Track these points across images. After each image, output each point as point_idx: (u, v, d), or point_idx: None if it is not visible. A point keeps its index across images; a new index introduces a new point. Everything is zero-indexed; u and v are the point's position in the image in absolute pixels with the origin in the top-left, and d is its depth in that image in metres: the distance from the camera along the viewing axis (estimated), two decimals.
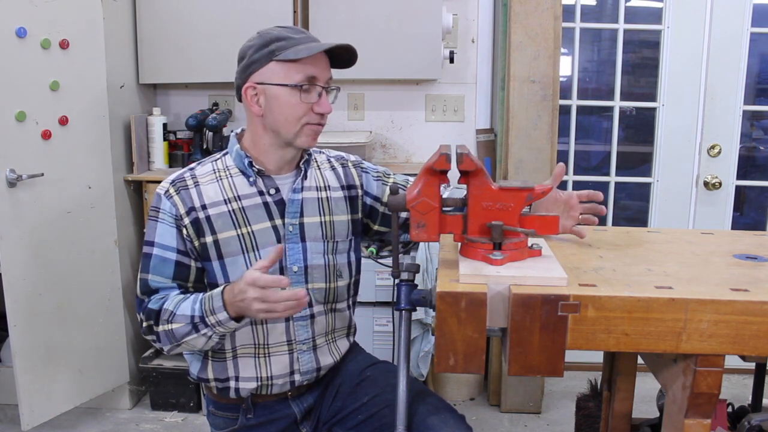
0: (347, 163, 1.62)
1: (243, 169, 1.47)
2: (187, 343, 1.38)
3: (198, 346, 1.40)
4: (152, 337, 1.42)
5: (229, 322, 1.33)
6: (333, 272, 1.53)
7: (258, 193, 1.47)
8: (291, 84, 1.39)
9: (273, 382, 1.49)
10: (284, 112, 1.41)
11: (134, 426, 2.62)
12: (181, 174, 1.48)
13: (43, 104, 2.23)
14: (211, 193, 1.45)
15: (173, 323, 1.37)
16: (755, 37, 2.88)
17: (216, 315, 1.33)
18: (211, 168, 1.49)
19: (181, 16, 2.73)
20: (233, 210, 1.44)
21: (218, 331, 1.36)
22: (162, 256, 1.43)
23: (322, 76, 1.42)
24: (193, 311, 1.36)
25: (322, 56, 1.43)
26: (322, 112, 1.43)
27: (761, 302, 1.05)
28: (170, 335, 1.38)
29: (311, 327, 1.51)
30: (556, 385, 2.97)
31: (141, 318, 1.44)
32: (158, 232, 1.43)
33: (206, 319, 1.34)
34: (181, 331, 1.37)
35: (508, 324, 1.09)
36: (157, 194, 1.46)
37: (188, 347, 1.41)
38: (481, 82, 2.94)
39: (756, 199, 3.13)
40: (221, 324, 1.34)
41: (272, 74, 1.40)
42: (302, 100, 1.40)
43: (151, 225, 1.45)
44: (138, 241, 2.78)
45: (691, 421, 1.13)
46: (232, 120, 2.96)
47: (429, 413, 1.41)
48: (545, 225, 1.26)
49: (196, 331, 1.36)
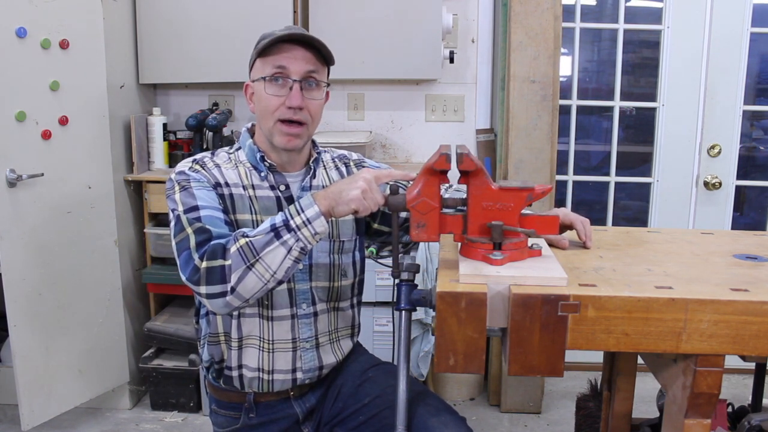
0: (350, 162, 1.64)
1: (255, 164, 1.48)
2: (262, 261, 1.25)
3: (274, 266, 1.26)
4: (214, 278, 1.25)
5: (319, 218, 1.26)
6: (337, 271, 1.54)
7: (270, 187, 1.48)
8: (263, 77, 1.41)
9: (274, 378, 1.49)
10: (260, 107, 1.44)
11: (134, 426, 2.62)
12: (200, 157, 1.48)
13: (43, 104, 2.23)
14: (232, 175, 1.46)
15: (251, 237, 1.26)
16: (755, 37, 2.88)
17: (304, 212, 1.27)
18: (226, 157, 1.50)
19: (181, 16, 2.74)
20: (250, 196, 1.46)
21: (302, 236, 1.26)
22: (212, 215, 1.35)
23: (294, 67, 1.40)
24: (273, 220, 1.28)
25: (299, 49, 1.41)
26: (290, 105, 1.40)
27: (761, 302, 1.05)
28: (248, 248, 1.25)
29: (314, 325, 1.51)
30: (556, 385, 2.97)
31: (198, 265, 1.27)
32: (198, 195, 1.37)
33: (290, 222, 1.27)
34: (261, 242, 1.25)
35: (508, 324, 1.09)
36: (179, 171, 1.42)
37: (261, 275, 1.26)
38: (481, 82, 2.94)
39: (756, 199, 3.13)
40: (308, 224, 1.26)
41: (255, 71, 1.45)
42: (269, 92, 1.40)
43: (184, 194, 1.37)
44: (138, 241, 2.79)
45: (691, 421, 1.13)
46: (232, 120, 2.96)
47: (429, 415, 1.41)
48: (545, 225, 1.26)
49: (278, 238, 1.25)
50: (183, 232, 1.32)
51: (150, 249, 2.75)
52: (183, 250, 1.31)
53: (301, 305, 1.49)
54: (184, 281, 1.30)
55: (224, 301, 1.27)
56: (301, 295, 1.49)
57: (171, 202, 1.39)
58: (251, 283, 1.26)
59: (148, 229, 2.72)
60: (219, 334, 1.50)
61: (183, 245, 1.31)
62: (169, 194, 1.41)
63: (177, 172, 1.43)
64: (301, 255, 1.28)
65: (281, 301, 1.47)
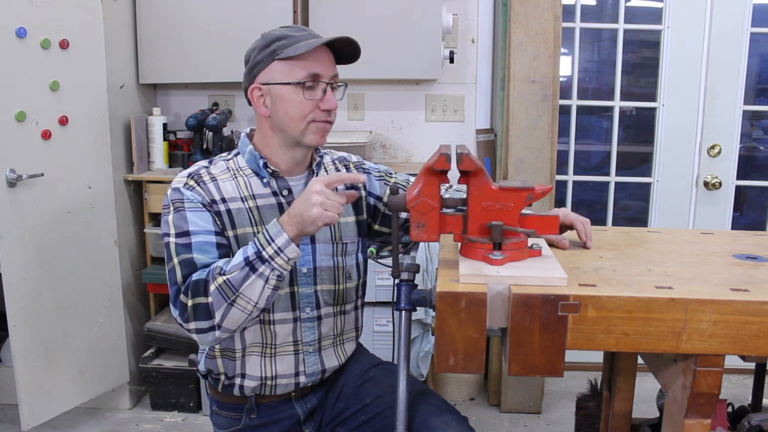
0: (350, 165, 1.63)
1: (256, 170, 1.47)
2: (242, 296, 1.27)
3: (255, 298, 1.28)
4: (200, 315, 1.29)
5: (289, 245, 1.28)
6: (342, 274, 1.53)
7: (272, 193, 1.47)
8: (294, 81, 1.39)
9: (277, 382, 1.49)
10: (289, 111, 1.41)
11: (134, 426, 2.62)
12: (197, 170, 1.46)
13: (43, 104, 2.23)
14: (229, 188, 1.44)
15: (227, 273, 1.28)
16: (755, 37, 2.88)
17: (274, 242, 1.28)
18: (224, 166, 1.48)
19: (181, 16, 2.74)
20: (249, 208, 1.44)
21: (276, 265, 1.28)
22: (203, 241, 1.36)
23: (325, 72, 1.42)
24: (246, 252, 1.29)
25: (325, 52, 1.43)
26: (328, 108, 1.42)
27: (761, 302, 1.05)
28: (226, 287, 1.27)
29: (318, 329, 1.51)
30: (556, 385, 2.97)
31: (184, 302, 1.31)
32: (190, 219, 1.37)
33: (262, 253, 1.28)
34: (238, 278, 1.27)
35: (508, 324, 1.09)
36: (174, 189, 1.42)
37: (243, 308, 1.29)
38: (481, 82, 2.94)
39: (756, 199, 3.13)
40: (280, 253, 1.28)
41: (276, 73, 1.41)
42: (306, 98, 1.40)
43: (177, 216, 1.38)
44: (138, 241, 2.79)
45: (691, 421, 1.13)
46: (232, 120, 2.96)
47: (431, 414, 1.41)
48: (545, 225, 1.26)
49: (253, 271, 1.27)
50: (171, 262, 1.37)
51: (150, 249, 2.75)
52: (172, 285, 1.36)
53: (304, 309, 1.49)
54: (175, 318, 1.34)
55: (213, 335, 1.31)
56: (304, 299, 1.49)
57: (164, 225, 1.40)
58: (236, 316, 1.30)
59: (148, 229, 2.72)
60: (216, 349, 1.49)
61: (171, 277, 1.36)
62: (164, 214, 1.41)
63: (173, 188, 1.42)
64: (278, 282, 1.31)
65: (282, 304, 1.47)
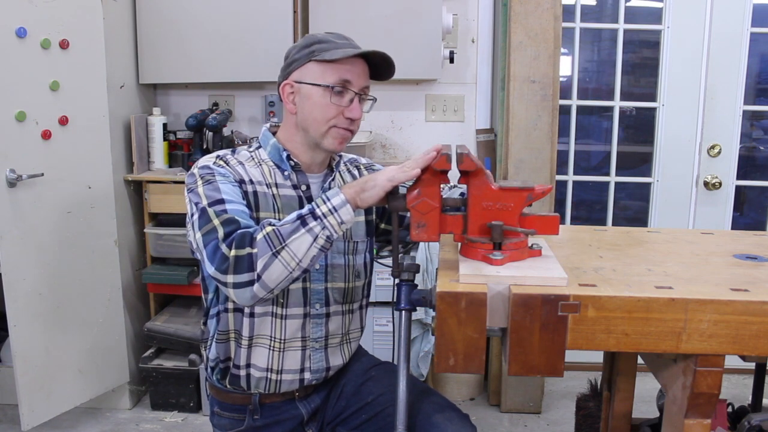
0: (360, 166, 1.66)
1: (278, 162, 1.49)
2: (288, 248, 1.24)
3: (300, 254, 1.25)
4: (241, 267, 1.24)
5: (345, 206, 1.27)
6: (352, 272, 1.56)
7: (292, 186, 1.49)
8: (324, 84, 1.41)
9: (282, 377, 1.49)
10: (314, 112, 1.43)
11: (134, 426, 2.62)
12: (222, 154, 1.48)
13: (43, 104, 2.23)
14: (255, 173, 1.46)
15: (277, 225, 1.27)
16: (755, 37, 2.88)
17: (330, 201, 1.27)
18: (248, 155, 1.50)
19: (181, 16, 2.73)
20: (273, 194, 1.46)
21: (328, 224, 1.26)
22: (238, 209, 1.34)
23: (356, 81, 1.43)
24: (300, 211, 1.29)
25: (360, 64, 1.45)
26: (351, 117, 1.44)
27: (761, 302, 1.05)
28: (274, 235, 1.25)
29: (326, 326, 1.52)
30: (556, 385, 2.97)
31: (225, 253, 1.25)
32: (223, 189, 1.36)
33: (316, 210, 1.27)
34: (287, 229, 1.26)
35: (508, 324, 1.09)
36: (203, 166, 1.41)
37: (286, 263, 1.25)
38: (481, 82, 2.94)
39: (756, 199, 3.13)
40: (334, 212, 1.27)
41: (309, 73, 1.43)
42: (332, 102, 1.42)
43: (209, 187, 1.36)
44: (138, 241, 2.78)
45: (691, 421, 1.13)
46: (232, 120, 2.96)
47: (434, 411, 1.42)
48: (545, 225, 1.26)
49: (303, 225, 1.26)
50: (209, 224, 1.30)
51: (150, 249, 2.75)
52: (210, 241, 1.29)
53: (314, 305, 1.50)
54: (211, 273, 1.27)
55: (251, 291, 1.25)
56: (315, 295, 1.50)
57: (194, 196, 1.36)
58: (277, 271, 1.25)
59: (148, 229, 2.72)
60: (229, 331, 1.49)
61: (210, 237, 1.29)
62: (191, 188, 1.38)
63: (200, 166, 1.42)
64: (327, 243, 1.28)
65: (295, 299, 1.48)
